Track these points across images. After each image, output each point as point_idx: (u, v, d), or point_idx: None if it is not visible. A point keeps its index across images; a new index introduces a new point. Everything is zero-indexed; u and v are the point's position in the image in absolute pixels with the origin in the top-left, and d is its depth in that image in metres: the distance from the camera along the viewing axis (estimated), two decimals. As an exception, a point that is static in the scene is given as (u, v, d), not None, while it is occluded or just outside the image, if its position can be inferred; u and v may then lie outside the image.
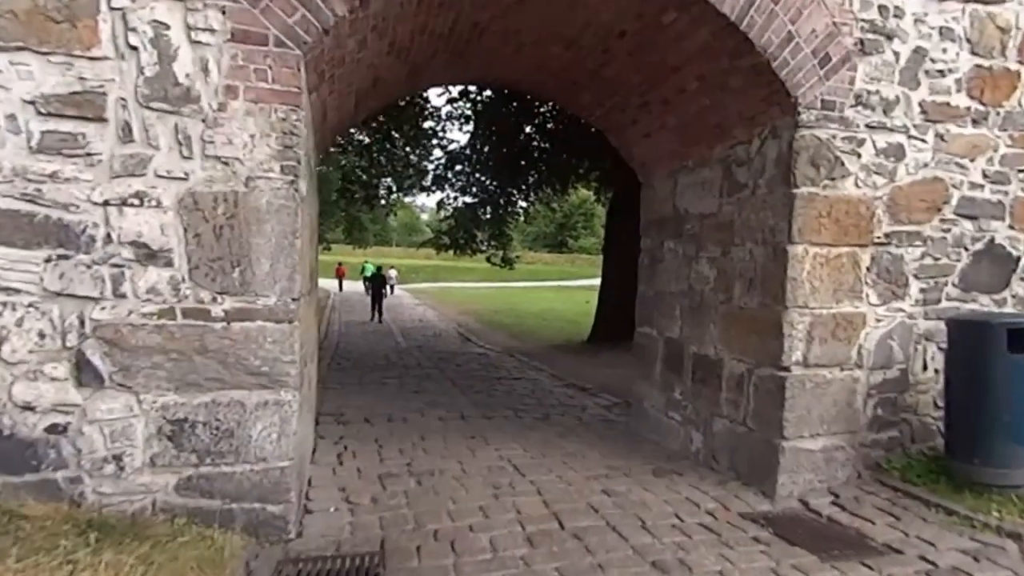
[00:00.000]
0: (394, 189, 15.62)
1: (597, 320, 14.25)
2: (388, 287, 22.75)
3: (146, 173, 3.10)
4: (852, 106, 4.25)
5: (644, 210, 6.25)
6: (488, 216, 17.91)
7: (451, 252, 18.17)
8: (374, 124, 14.04)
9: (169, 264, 3.13)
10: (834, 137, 4.21)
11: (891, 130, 4.34)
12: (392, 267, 39.63)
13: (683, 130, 5.14)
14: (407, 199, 30.71)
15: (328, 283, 36.63)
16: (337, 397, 7.23)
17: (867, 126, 4.29)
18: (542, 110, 15.54)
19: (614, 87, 5.24)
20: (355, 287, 35.61)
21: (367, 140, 13.64)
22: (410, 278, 47.47)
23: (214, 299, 3.18)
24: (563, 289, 39.81)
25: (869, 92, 4.27)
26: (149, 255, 3.10)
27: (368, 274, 35.06)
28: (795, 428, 4.30)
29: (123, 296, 3.10)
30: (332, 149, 14.82)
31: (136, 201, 3.09)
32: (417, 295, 30.74)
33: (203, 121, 3.15)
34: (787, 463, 4.24)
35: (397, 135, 14.21)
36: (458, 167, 17.08)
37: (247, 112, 3.19)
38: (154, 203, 3.10)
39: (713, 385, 5.00)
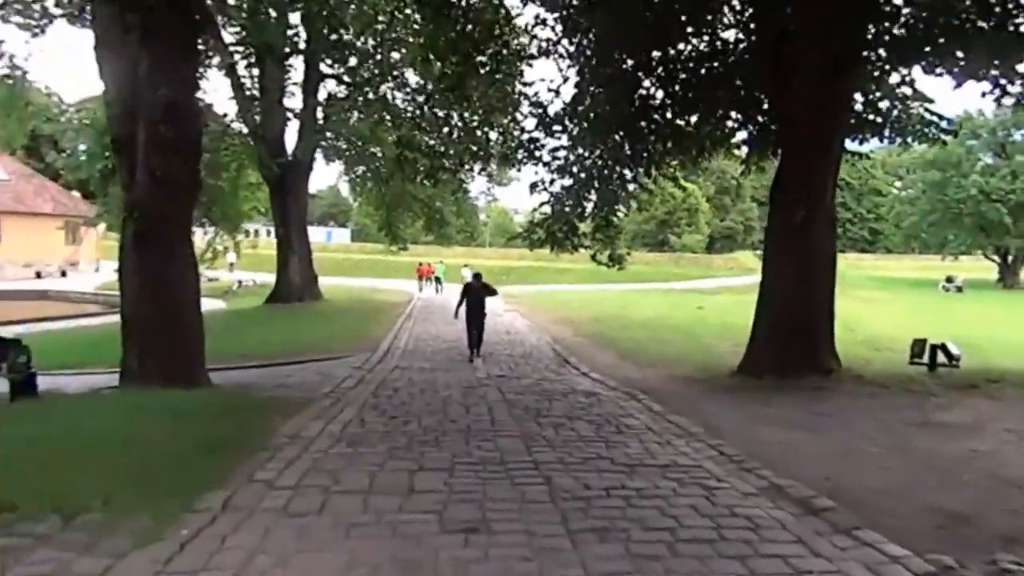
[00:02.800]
0: (465, 160, 11.56)
1: (755, 341, 9.47)
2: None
3: None
4: None
5: None
6: (593, 202, 13.64)
7: (548, 249, 13.94)
8: (444, 85, 10.15)
9: None
10: None
11: None
12: (466, 265, 35.52)
13: None
14: (497, 188, 26.57)
15: (405, 285, 33.36)
16: (291, 555, 3.15)
17: None
18: (670, 53, 10.97)
19: None
20: (441, 292, 32.15)
21: (431, 102, 9.74)
22: (500, 281, 43.71)
23: None
24: (669, 292, 34.55)
25: None
26: None
27: (439, 274, 29.77)
28: None
29: None
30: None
31: None
32: (507, 300, 26.68)
33: None
34: None
35: (475, 92, 10.25)
36: (552, 141, 12.89)
37: None
38: None
39: None
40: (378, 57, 20.93)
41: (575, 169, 13.46)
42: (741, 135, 11.41)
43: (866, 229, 75.94)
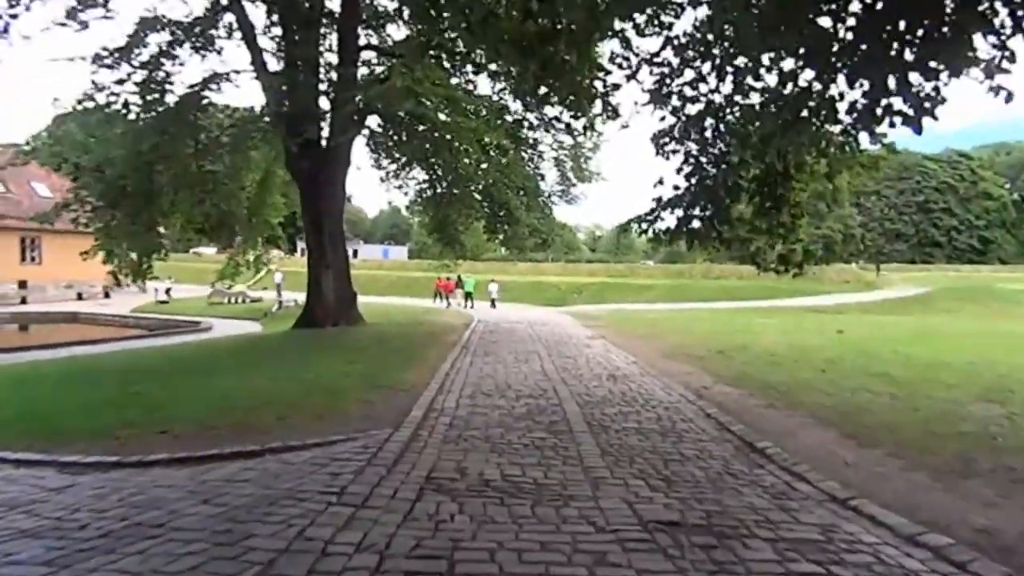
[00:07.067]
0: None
1: None
2: None
3: None
4: None
5: None
6: (756, 176, 8.20)
7: (686, 246, 8.27)
8: None
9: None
10: None
11: None
12: (493, 280, 31.88)
13: None
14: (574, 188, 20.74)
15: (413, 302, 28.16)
16: None
17: None
18: None
19: None
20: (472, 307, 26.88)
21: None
22: (571, 299, 38.09)
23: None
24: (775, 312, 27.75)
25: None
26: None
27: (469, 289, 27.28)
28: None
29: None
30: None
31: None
32: (585, 322, 20.94)
33: None
34: None
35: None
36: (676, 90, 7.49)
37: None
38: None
39: None
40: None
41: (722, 145, 8.08)
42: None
43: (975, 237, 66.03)
